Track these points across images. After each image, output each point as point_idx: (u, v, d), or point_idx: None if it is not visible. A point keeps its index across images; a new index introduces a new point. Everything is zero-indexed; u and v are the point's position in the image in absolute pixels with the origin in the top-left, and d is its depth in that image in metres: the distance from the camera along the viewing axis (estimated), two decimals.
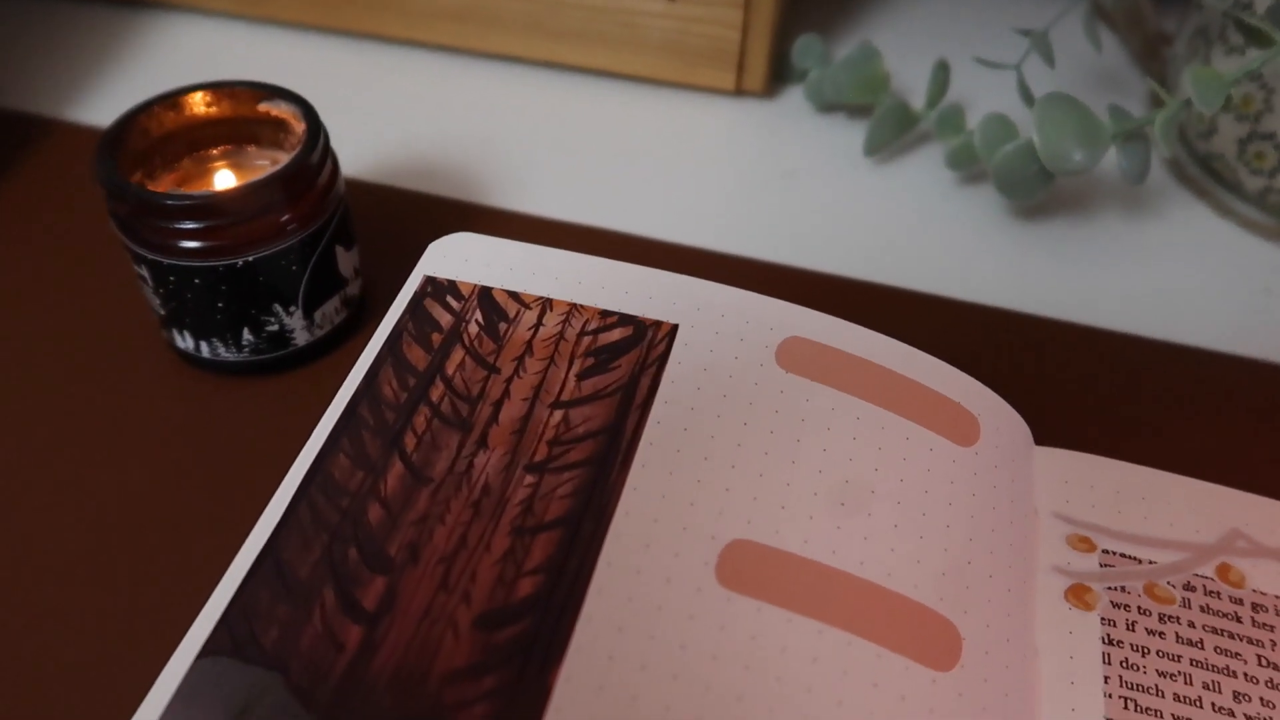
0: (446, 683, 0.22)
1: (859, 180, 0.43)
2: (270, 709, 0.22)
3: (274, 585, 0.24)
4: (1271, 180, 0.39)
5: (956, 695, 0.23)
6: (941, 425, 0.28)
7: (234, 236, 0.31)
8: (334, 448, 0.26)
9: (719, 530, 0.25)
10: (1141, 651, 0.26)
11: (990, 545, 0.27)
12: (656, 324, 0.29)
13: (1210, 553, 0.28)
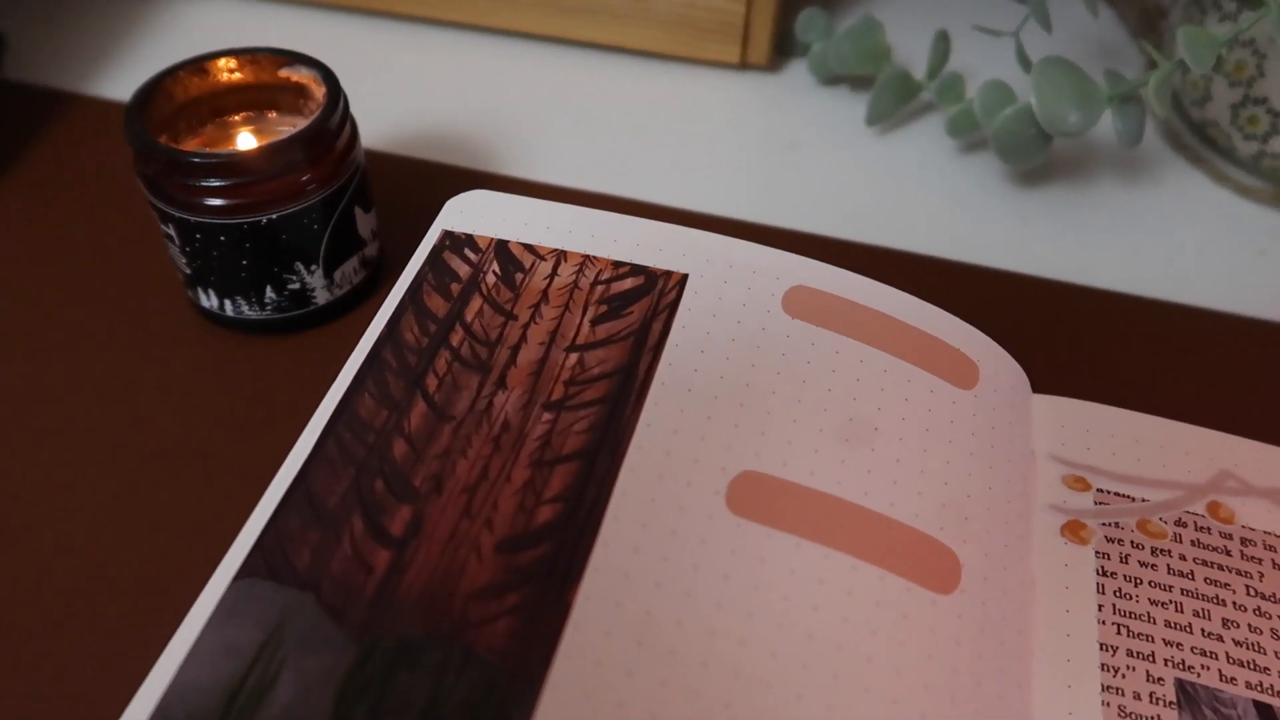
0: (471, 600, 0.23)
1: (862, 150, 0.45)
2: (303, 625, 0.23)
3: (305, 514, 0.25)
4: (1265, 145, 0.41)
5: (956, 616, 0.25)
6: (942, 369, 0.29)
7: (257, 195, 0.32)
8: (359, 388, 0.28)
9: (729, 463, 0.26)
10: (1134, 582, 0.28)
11: (988, 481, 0.28)
12: (667, 274, 0.30)
13: (1201, 491, 0.30)
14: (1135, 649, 0.26)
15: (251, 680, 0.22)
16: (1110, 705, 0.25)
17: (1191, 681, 0.26)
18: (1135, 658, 0.26)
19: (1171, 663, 0.26)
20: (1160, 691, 0.25)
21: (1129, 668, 0.26)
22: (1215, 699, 0.25)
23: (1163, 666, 0.26)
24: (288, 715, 0.22)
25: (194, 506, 0.29)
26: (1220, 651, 0.26)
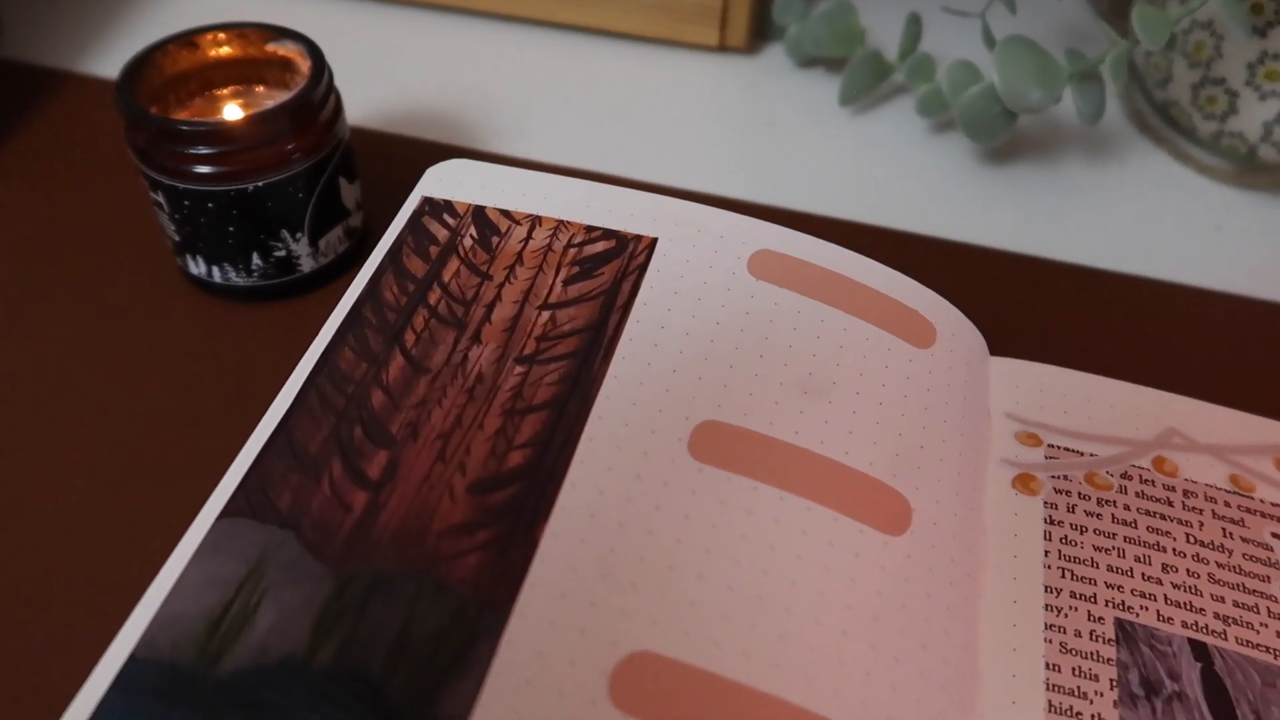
0: (443, 537, 0.25)
1: (836, 129, 0.46)
2: (283, 560, 0.24)
3: (286, 458, 0.26)
4: (1223, 124, 0.42)
5: (905, 556, 0.26)
6: (900, 329, 0.31)
7: (243, 163, 0.34)
8: (340, 343, 0.29)
9: (691, 412, 0.27)
10: (1080, 530, 0.29)
11: (943, 435, 0.29)
12: (637, 238, 0.32)
13: (1148, 447, 0.31)
14: (1078, 591, 0.28)
15: (234, 610, 0.24)
16: (1052, 642, 0.27)
17: (1130, 621, 0.27)
18: (1078, 599, 0.28)
19: (1112, 604, 0.27)
20: (1100, 630, 0.27)
21: (1071, 608, 0.27)
22: (1152, 637, 0.27)
23: (1104, 607, 0.27)
24: (268, 641, 0.23)
25: (180, 456, 0.31)
26: (1159, 594, 0.28)
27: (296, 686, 0.22)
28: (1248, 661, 0.27)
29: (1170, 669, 0.26)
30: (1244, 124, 0.41)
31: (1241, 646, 0.27)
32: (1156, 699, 0.26)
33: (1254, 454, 0.31)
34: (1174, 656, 0.27)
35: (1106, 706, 0.26)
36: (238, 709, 0.22)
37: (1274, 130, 0.41)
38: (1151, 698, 0.26)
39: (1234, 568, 0.29)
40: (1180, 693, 0.26)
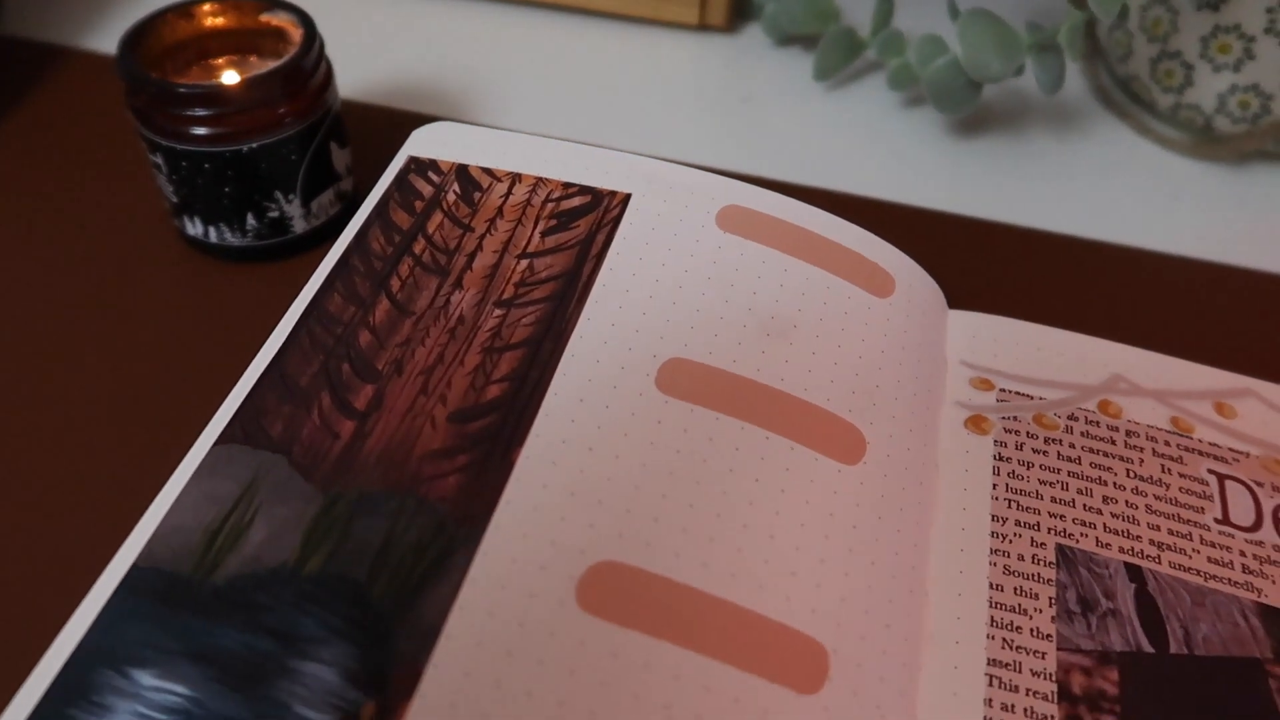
0: (425, 460, 0.27)
1: (812, 103, 0.48)
2: (275, 481, 0.26)
3: (278, 391, 0.28)
4: (1180, 96, 0.44)
5: (858, 483, 0.28)
6: (859, 279, 0.33)
7: (238, 125, 0.36)
8: (329, 289, 0.31)
9: (659, 350, 0.29)
10: (1026, 465, 0.31)
11: (897, 376, 0.31)
12: (612, 193, 0.34)
13: (1094, 391, 0.33)
14: (1023, 520, 0.30)
15: (229, 524, 0.26)
16: (996, 565, 0.29)
17: (1071, 546, 0.29)
18: (1022, 527, 0.30)
19: (1054, 531, 0.30)
20: (1042, 554, 0.29)
21: (1016, 535, 0.29)
22: (1090, 561, 0.29)
23: (1046, 534, 0.29)
24: (260, 552, 0.25)
25: (179, 394, 0.33)
26: (1099, 523, 0.30)
27: (287, 591, 0.24)
28: (1179, 583, 0.29)
29: (1106, 589, 0.28)
30: (1199, 96, 0.44)
31: (1174, 570, 0.29)
32: (1092, 615, 0.28)
33: (1195, 398, 0.33)
34: (1110, 578, 0.29)
35: (1044, 621, 0.28)
36: (232, 610, 0.24)
37: (1227, 102, 0.43)
38: (1087, 614, 0.28)
39: (1170, 500, 0.31)
40: (1114, 610, 0.28)
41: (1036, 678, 0.27)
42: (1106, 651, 0.27)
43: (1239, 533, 0.30)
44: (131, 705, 0.23)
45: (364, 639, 0.24)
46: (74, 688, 0.23)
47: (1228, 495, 0.31)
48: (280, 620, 0.24)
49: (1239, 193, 0.44)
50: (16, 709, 0.23)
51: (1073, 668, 0.27)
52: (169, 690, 0.23)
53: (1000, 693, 0.26)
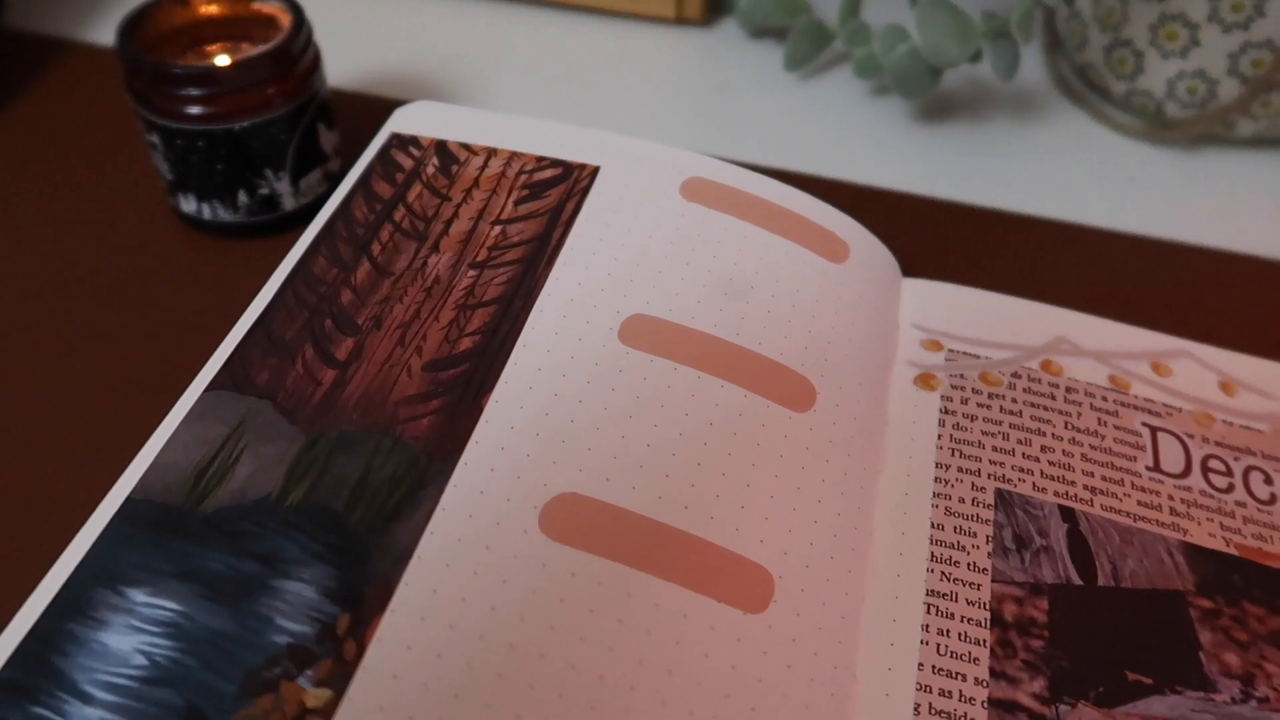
0: (401, 405, 0.29)
1: (783, 92, 0.51)
2: (261, 423, 0.29)
3: (265, 344, 0.31)
4: (1132, 83, 0.47)
5: (808, 429, 0.30)
6: (815, 245, 0.35)
7: (229, 104, 0.38)
8: (314, 252, 0.33)
9: (623, 307, 0.32)
10: (971, 418, 0.33)
11: (849, 335, 0.34)
12: (582, 166, 0.36)
13: (1038, 351, 0.35)
14: (965, 466, 0.32)
15: (217, 462, 0.28)
16: (938, 506, 0.31)
17: (1009, 490, 0.31)
18: (964, 472, 0.32)
19: (994, 476, 0.32)
20: (982, 497, 0.31)
21: (958, 480, 0.32)
22: (1027, 503, 0.31)
23: (986, 479, 0.32)
24: (246, 486, 0.27)
25: (171, 350, 0.35)
26: (1036, 469, 0.32)
27: (270, 520, 0.27)
28: (1109, 523, 0.31)
29: (1040, 528, 0.31)
30: (1150, 82, 0.46)
31: (1105, 512, 0.31)
32: (1025, 552, 0.30)
33: (1133, 359, 0.36)
34: (1044, 519, 0.31)
35: (981, 557, 0.30)
36: (219, 537, 0.26)
37: (1176, 87, 0.45)
38: (1021, 551, 0.30)
39: (1105, 449, 0.33)
40: (1047, 547, 0.30)
41: (972, 606, 0.29)
42: (1038, 583, 0.29)
43: (1168, 479, 0.32)
44: (125, 619, 0.25)
45: (341, 561, 0.26)
46: (72, 604, 0.25)
47: (1159, 445, 0.33)
48: (264, 545, 0.26)
49: (1189, 174, 0.46)
50: (19, 623, 0.25)
51: (1006, 598, 0.29)
52: (160, 606, 0.25)
53: (937, 619, 0.28)
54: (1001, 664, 0.28)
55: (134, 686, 0.24)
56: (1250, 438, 0.34)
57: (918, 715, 0.27)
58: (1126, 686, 0.28)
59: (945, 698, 0.27)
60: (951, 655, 0.28)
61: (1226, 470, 0.33)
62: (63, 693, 0.24)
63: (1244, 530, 0.31)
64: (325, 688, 0.24)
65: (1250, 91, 0.43)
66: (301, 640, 0.24)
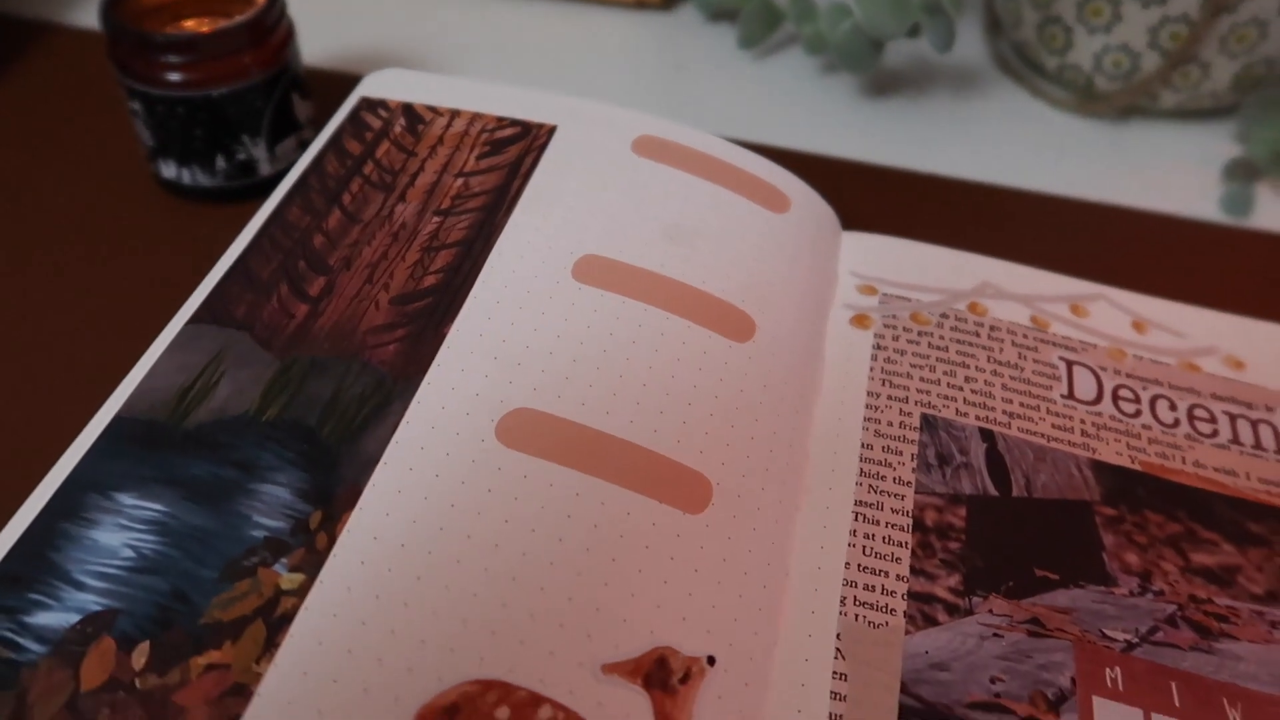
0: (369, 334, 0.32)
1: (739, 70, 0.54)
2: (239, 351, 0.31)
3: (242, 282, 0.33)
4: (1063, 58, 0.50)
5: (748, 358, 0.33)
6: (757, 197, 0.38)
7: (207, 71, 0.41)
8: (289, 202, 0.36)
9: (576, 247, 0.34)
10: (901, 353, 0.36)
11: (789, 278, 0.36)
12: (540, 125, 0.39)
13: (965, 295, 0.38)
14: (894, 394, 0.35)
15: (198, 384, 0.30)
16: (868, 429, 0.34)
17: (933, 415, 0.34)
18: (892, 400, 0.35)
19: (920, 403, 0.35)
20: (908, 420, 0.34)
21: (887, 406, 0.34)
22: (949, 426, 0.34)
23: (913, 406, 0.34)
24: (226, 405, 0.30)
25: (153, 297, 0.37)
26: (959, 397, 0.35)
27: (249, 433, 0.29)
28: (1025, 443, 0.34)
29: (961, 447, 0.33)
30: (1079, 56, 0.49)
31: (1022, 434, 0.34)
32: (947, 467, 0.33)
33: (1054, 301, 0.39)
34: (965, 439, 0.34)
35: (906, 472, 0.33)
36: (201, 448, 0.29)
37: (1103, 61, 0.49)
38: (943, 467, 0.33)
39: (1024, 380, 0.36)
40: (967, 463, 0.33)
41: (896, 514, 0.32)
42: (957, 494, 0.32)
43: (1081, 405, 0.35)
44: (115, 519, 0.27)
45: (313, 467, 0.28)
46: (65, 507, 0.27)
47: (1074, 377, 0.36)
48: (242, 454, 0.29)
49: (1117, 144, 0.50)
50: (16, 525, 0.27)
51: (927, 506, 0.32)
52: (147, 507, 0.27)
53: (864, 525, 0.31)
54: (921, 563, 0.30)
55: (123, 575, 0.26)
56: (1158, 370, 0.37)
57: (844, 606, 0.29)
58: (1034, 581, 0.30)
59: (869, 591, 0.30)
60: (876, 556, 0.31)
61: (1135, 398, 0.36)
62: (57, 581, 0.26)
63: (1149, 450, 0.34)
64: (299, 573, 0.26)
65: (1169, 64, 0.47)
66: (277, 534, 0.27)
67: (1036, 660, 0.29)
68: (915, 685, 0.28)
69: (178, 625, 0.25)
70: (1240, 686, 0.28)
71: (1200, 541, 0.32)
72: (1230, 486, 0.33)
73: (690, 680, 0.26)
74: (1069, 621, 0.30)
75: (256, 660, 0.24)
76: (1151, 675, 0.29)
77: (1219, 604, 0.30)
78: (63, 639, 0.25)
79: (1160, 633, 0.30)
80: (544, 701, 0.24)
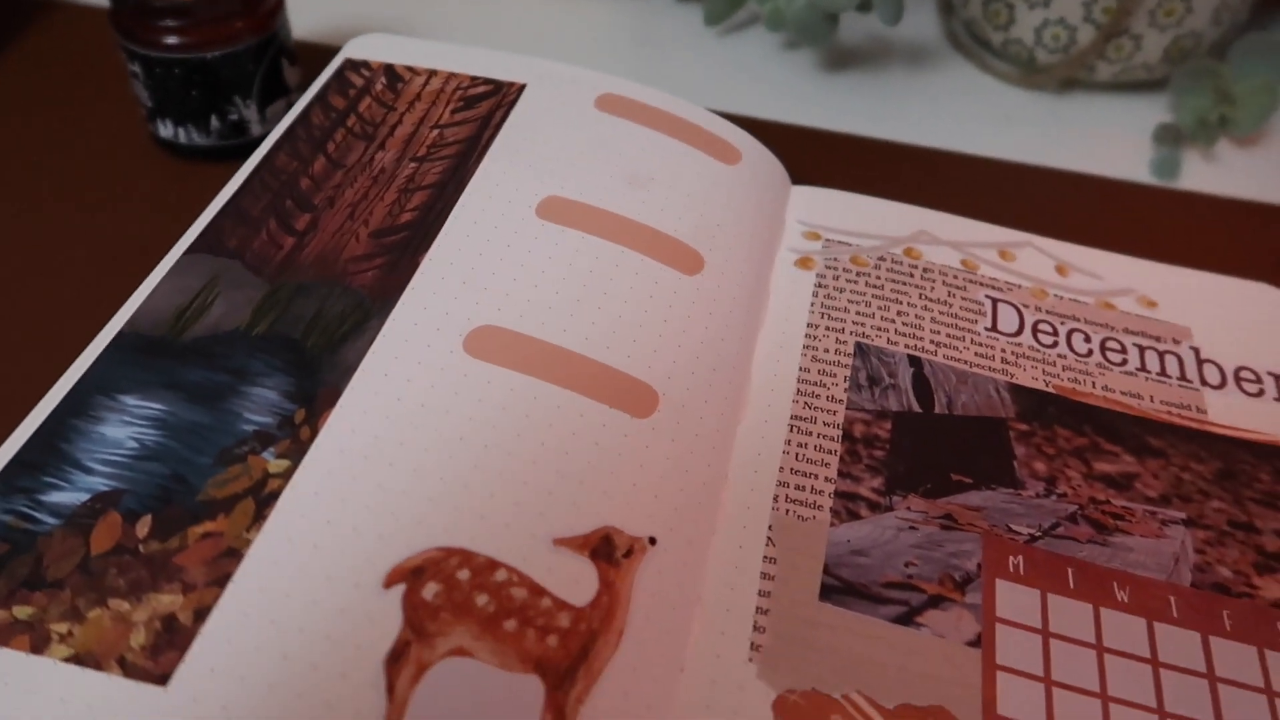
0: (350, 262, 0.35)
1: (705, 47, 0.57)
2: (232, 276, 0.35)
3: (235, 218, 0.37)
4: (1007, 33, 0.54)
5: (695, 289, 0.37)
6: (710, 149, 0.42)
7: (202, 35, 0.44)
8: (277, 150, 0.39)
9: (539, 190, 0.38)
10: (840, 290, 0.40)
11: (738, 222, 0.40)
12: (511, 83, 0.43)
13: (902, 240, 0.42)
14: (831, 325, 0.38)
15: (194, 305, 0.34)
16: (806, 354, 0.37)
17: (866, 343, 0.38)
18: (829, 330, 0.38)
19: (855, 333, 0.38)
20: (843, 348, 0.38)
21: (825, 335, 0.38)
22: (880, 353, 0.38)
23: (848, 335, 0.38)
24: (219, 321, 0.33)
25: (152, 237, 0.41)
26: (891, 328, 0.39)
27: (240, 345, 0.33)
28: (949, 368, 0.37)
29: (890, 371, 0.37)
30: (1021, 31, 0.53)
31: (947, 360, 0.38)
32: (876, 388, 0.37)
33: (983, 247, 0.42)
34: (895, 364, 0.37)
35: (839, 391, 0.36)
36: (197, 357, 0.32)
37: (1043, 35, 0.53)
38: (873, 387, 0.37)
39: (952, 314, 0.39)
40: (894, 384, 0.37)
41: (828, 426, 0.35)
42: (884, 411, 0.36)
43: (1003, 337, 0.39)
44: (120, 416, 0.31)
45: (298, 372, 0.32)
46: (75, 407, 0.31)
47: (998, 312, 0.40)
48: (234, 363, 0.32)
49: (1057, 113, 0.54)
50: (30, 422, 0.31)
51: (856, 420, 0.36)
52: (148, 406, 0.31)
53: (798, 436, 0.35)
54: (848, 467, 0.34)
55: (127, 462, 0.30)
56: (1077, 308, 0.40)
57: (776, 503, 0.33)
58: (950, 484, 0.34)
59: (800, 490, 0.33)
60: (807, 461, 0.34)
61: (1053, 331, 0.39)
62: (68, 467, 0.30)
63: (1062, 375, 0.38)
64: (285, 460, 0.30)
65: (1102, 36, 0.51)
66: (265, 428, 0.31)
67: (947, 549, 0.32)
68: (836, 568, 0.31)
69: (176, 502, 0.29)
70: (1129, 573, 0.32)
71: (1103, 453, 0.35)
72: (1135, 407, 0.37)
73: (633, 555, 0.29)
74: (979, 518, 0.33)
75: (247, 529, 0.28)
76: (1050, 562, 0.32)
77: (1116, 505, 0.34)
78: (74, 513, 0.28)
79: (1061, 528, 0.33)
80: (500, 566, 0.28)
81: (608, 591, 0.29)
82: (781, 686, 0.29)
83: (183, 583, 0.27)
